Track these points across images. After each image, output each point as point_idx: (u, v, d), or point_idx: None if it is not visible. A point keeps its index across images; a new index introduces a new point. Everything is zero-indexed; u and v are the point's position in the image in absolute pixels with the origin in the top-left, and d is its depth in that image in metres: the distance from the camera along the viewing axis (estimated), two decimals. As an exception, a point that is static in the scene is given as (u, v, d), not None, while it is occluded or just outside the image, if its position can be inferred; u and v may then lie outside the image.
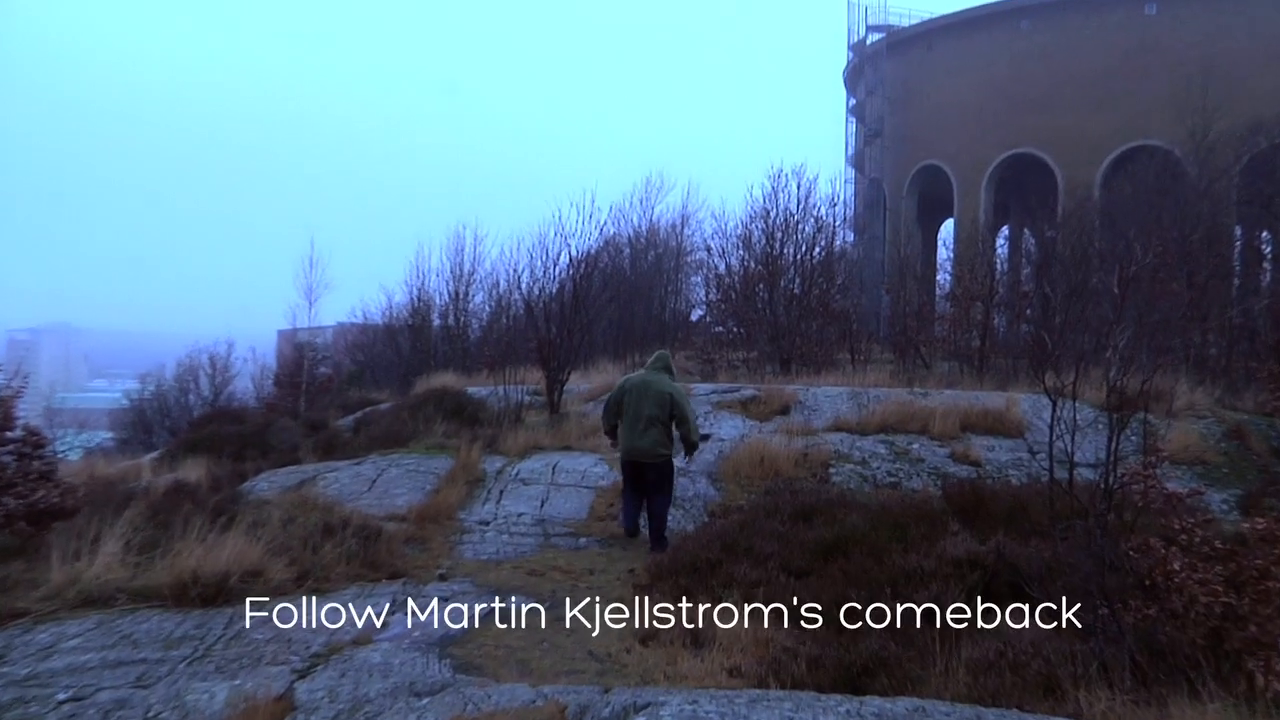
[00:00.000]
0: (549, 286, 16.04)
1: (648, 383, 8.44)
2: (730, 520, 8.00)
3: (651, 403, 8.28)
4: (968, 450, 10.79)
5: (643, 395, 8.34)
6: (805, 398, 13.55)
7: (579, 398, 14.87)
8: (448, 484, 9.47)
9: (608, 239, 27.83)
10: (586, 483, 9.85)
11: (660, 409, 8.28)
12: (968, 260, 22.69)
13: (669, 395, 8.33)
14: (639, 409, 8.30)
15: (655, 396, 8.30)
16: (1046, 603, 5.03)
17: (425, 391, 15.36)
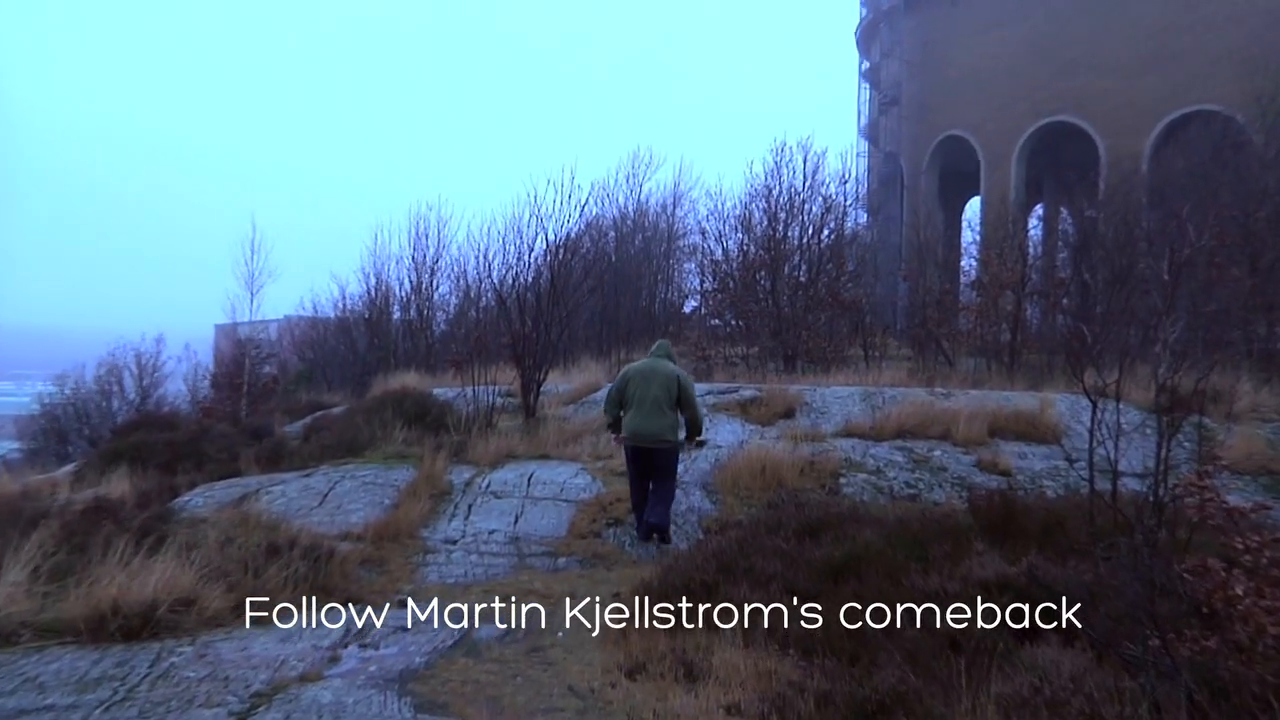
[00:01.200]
0: (523, 275, 15.98)
1: (653, 368, 9.07)
2: (728, 537, 7.95)
3: (658, 386, 8.91)
4: (996, 458, 10.78)
5: (649, 379, 8.97)
6: (812, 399, 13.52)
7: (558, 400, 14.82)
8: (409, 498, 9.40)
9: (590, 221, 27.79)
10: (566, 496, 9.79)
11: (667, 392, 8.90)
12: (996, 243, 22.74)
13: (676, 378, 8.99)
14: (645, 393, 8.90)
15: (662, 380, 8.94)
16: (1088, 631, 4.98)
17: (384, 393, 15.27)
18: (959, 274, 27.68)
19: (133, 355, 29.05)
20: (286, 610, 6.35)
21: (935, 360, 19.75)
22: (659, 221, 32.38)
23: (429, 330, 27.02)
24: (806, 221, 22.33)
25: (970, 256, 29.64)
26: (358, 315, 28.57)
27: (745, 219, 23.72)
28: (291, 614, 6.31)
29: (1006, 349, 18.47)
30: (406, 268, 27.30)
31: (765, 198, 22.61)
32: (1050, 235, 31.39)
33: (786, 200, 22.26)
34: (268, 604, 6.34)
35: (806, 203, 22.40)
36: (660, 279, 29.79)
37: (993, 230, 26.43)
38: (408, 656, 5.66)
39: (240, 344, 27.63)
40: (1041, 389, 13.92)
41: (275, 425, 15.26)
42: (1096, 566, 5.49)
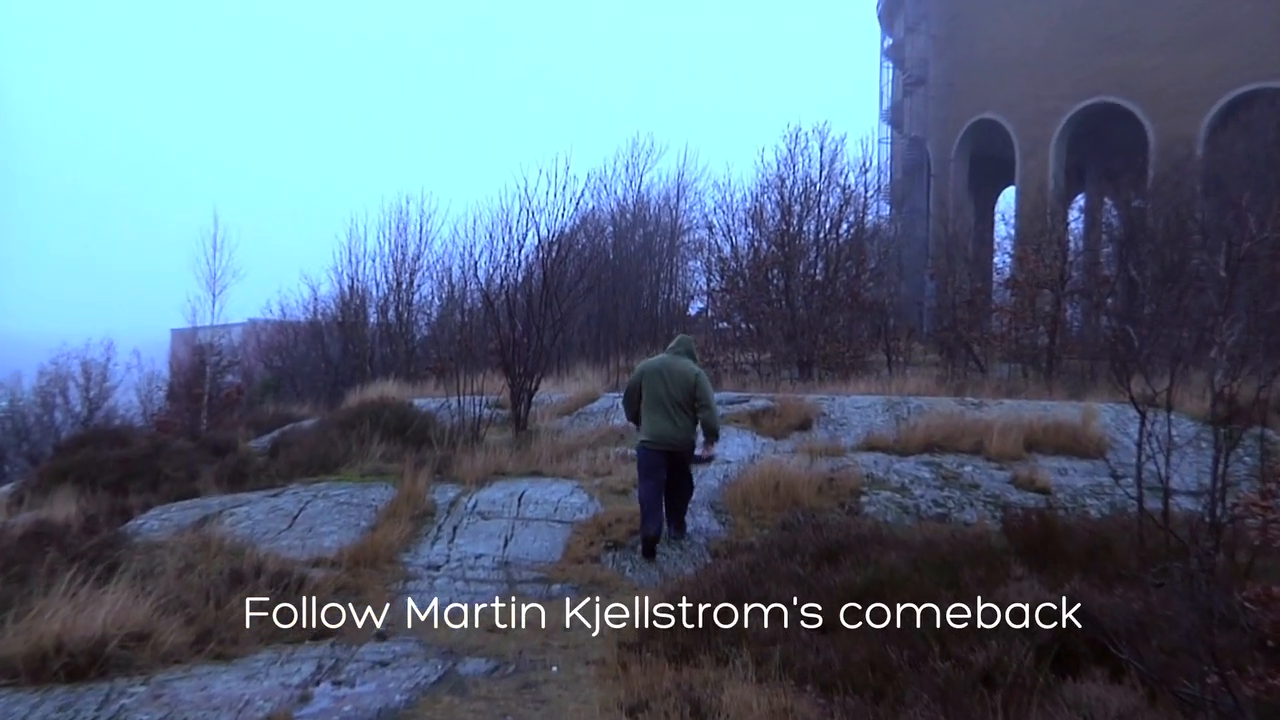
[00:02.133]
0: (513, 274, 15.98)
1: (669, 365, 9.34)
2: (738, 561, 7.92)
3: (674, 385, 9.19)
4: (1033, 474, 10.75)
5: (664, 378, 9.25)
6: (830, 409, 13.48)
7: (551, 411, 14.79)
8: (388, 519, 9.38)
9: (585, 215, 27.78)
10: (560, 516, 9.75)
11: (684, 391, 9.18)
12: (1033, 237, 22.72)
13: (693, 377, 9.24)
14: (661, 392, 9.21)
15: (678, 378, 9.22)
16: (1138, 666, 4.95)
17: (360, 404, 15.25)
18: (992, 271, 27.67)
19: (78, 364, 29.00)
20: (252, 644, 6.31)
21: (965, 367, 19.74)
22: (661, 215, 32.39)
23: (409, 335, 27.02)
24: (823, 215, 22.32)
25: (1004, 252, 29.57)
26: (330, 318, 28.56)
27: (756, 212, 23.70)
28: (257, 648, 6.27)
29: (1044, 354, 18.47)
30: (384, 266, 27.34)
31: (778, 189, 22.58)
32: (1093, 228, 31.27)
33: (801, 191, 22.24)
34: (232, 637, 6.31)
35: (823, 194, 22.38)
36: (663, 278, 29.78)
37: (1029, 223, 26.41)
38: (386, 695, 5.62)
39: (200, 350, 27.57)
40: (1084, 398, 13.90)
41: (239, 440, 15.22)
42: (1147, 594, 5.46)
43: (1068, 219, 30.67)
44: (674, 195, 32.81)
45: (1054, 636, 5.85)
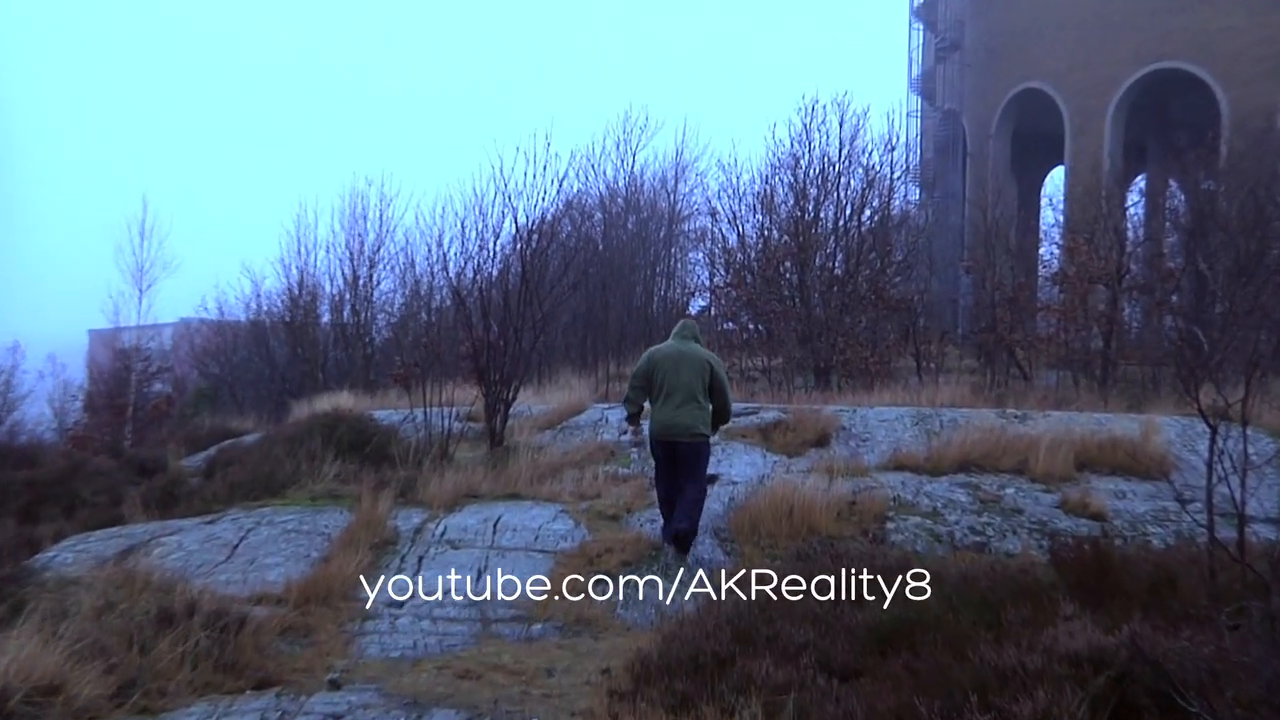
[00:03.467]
0: (487, 267, 15.95)
1: (681, 352, 9.85)
2: (747, 597, 7.89)
3: (690, 372, 9.71)
4: (1086, 497, 10.75)
5: (679, 364, 9.75)
6: (851, 422, 13.47)
7: (531, 424, 14.76)
8: (343, 549, 9.34)
9: (571, 200, 27.82)
10: (542, 545, 9.73)
11: (700, 380, 9.71)
12: (1085, 225, 22.74)
13: (708, 363, 9.82)
14: (676, 380, 9.69)
15: (693, 365, 9.75)
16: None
17: (310, 417, 15.20)
18: (1037, 264, 27.70)
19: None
20: (183, 696, 6.26)
21: (1007, 374, 19.76)
22: (657, 200, 32.45)
23: (367, 337, 27.00)
24: (843, 199, 22.37)
25: (1051, 242, 29.65)
26: (276, 318, 28.56)
27: (766, 197, 23.75)
28: (190, 700, 6.22)
29: (1098, 359, 18.50)
30: (339, 258, 27.36)
31: (792, 170, 22.64)
32: (1155, 214, 31.24)
33: (818, 173, 22.29)
34: (159, 688, 6.25)
35: (843, 175, 22.44)
36: (659, 272, 29.83)
37: (1081, 208, 26.38)
38: (339, 753, 5.57)
39: (124, 355, 27.58)
40: (1144, 410, 13.90)
41: (169, 458, 15.18)
42: (1220, 638, 5.42)
43: (1125, 204, 30.78)
44: (672, 177, 32.90)
45: (1111, 686, 5.82)
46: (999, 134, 39.48)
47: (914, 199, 34.40)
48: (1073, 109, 36.84)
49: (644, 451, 11.49)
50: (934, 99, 42.24)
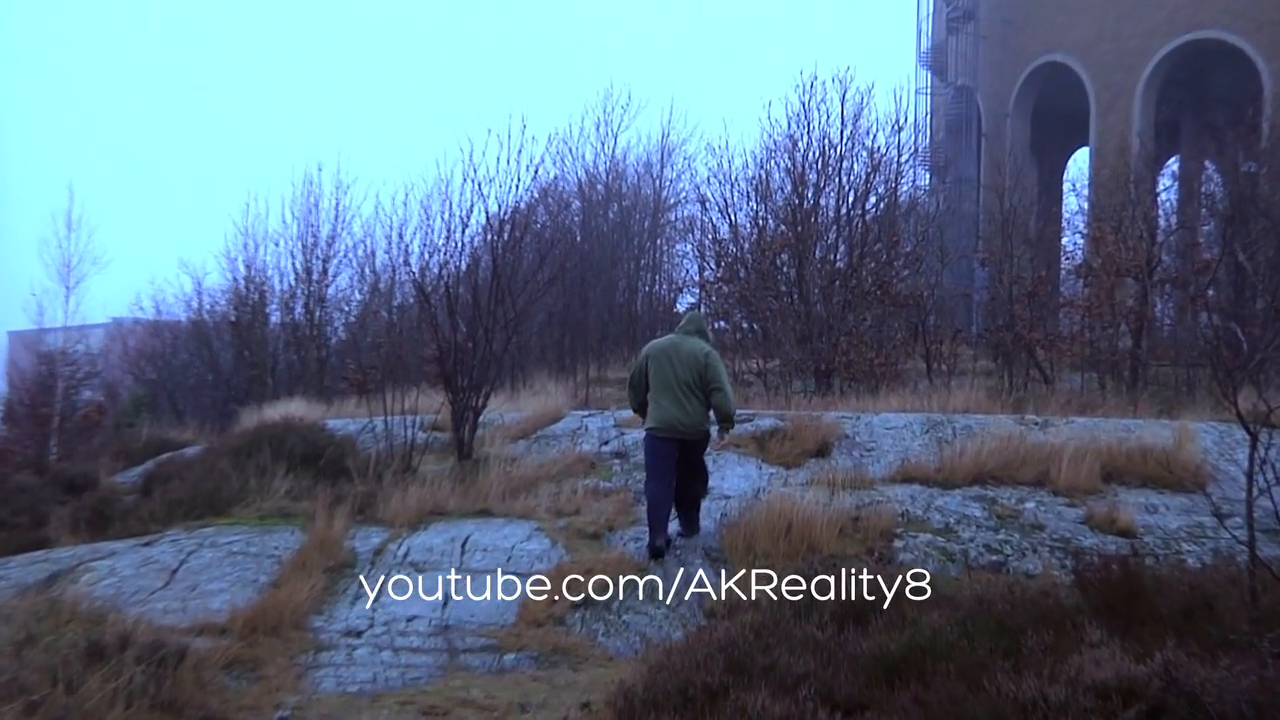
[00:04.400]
0: (455, 261, 15.92)
1: (676, 345, 10.30)
2: (740, 623, 7.91)
3: (682, 365, 10.12)
4: (1113, 512, 10.77)
5: (671, 358, 10.18)
6: (855, 430, 13.50)
7: (504, 434, 14.75)
8: (295, 573, 9.32)
9: (546, 187, 27.81)
10: (516, 567, 9.72)
11: (693, 372, 10.10)
12: (1112, 212, 22.84)
13: (702, 356, 10.17)
14: (669, 374, 10.13)
15: (686, 359, 10.14)
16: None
17: (259, 427, 15.18)
18: (1059, 256, 27.76)
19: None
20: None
21: (1026, 376, 19.82)
22: (641, 186, 32.52)
23: (322, 338, 26.96)
24: (845, 185, 22.42)
25: (1075, 231, 29.71)
26: (220, 317, 28.47)
27: (761, 183, 23.82)
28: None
29: (1127, 360, 18.54)
30: (291, 251, 27.30)
31: (789, 153, 22.72)
32: (1190, 200, 31.30)
33: (818, 156, 22.35)
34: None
35: (845, 159, 22.51)
36: (644, 265, 29.88)
37: (1107, 194, 26.47)
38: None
39: (49, 359, 27.37)
40: (1177, 415, 13.92)
41: (101, 473, 15.12)
42: (1263, 666, 5.46)
43: (1157, 189, 30.78)
44: (657, 161, 32.98)
45: (1142, 719, 5.86)
46: (1017, 112, 39.53)
47: (923, 184, 34.53)
48: (1099, 84, 36.85)
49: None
50: (945, 74, 42.30)
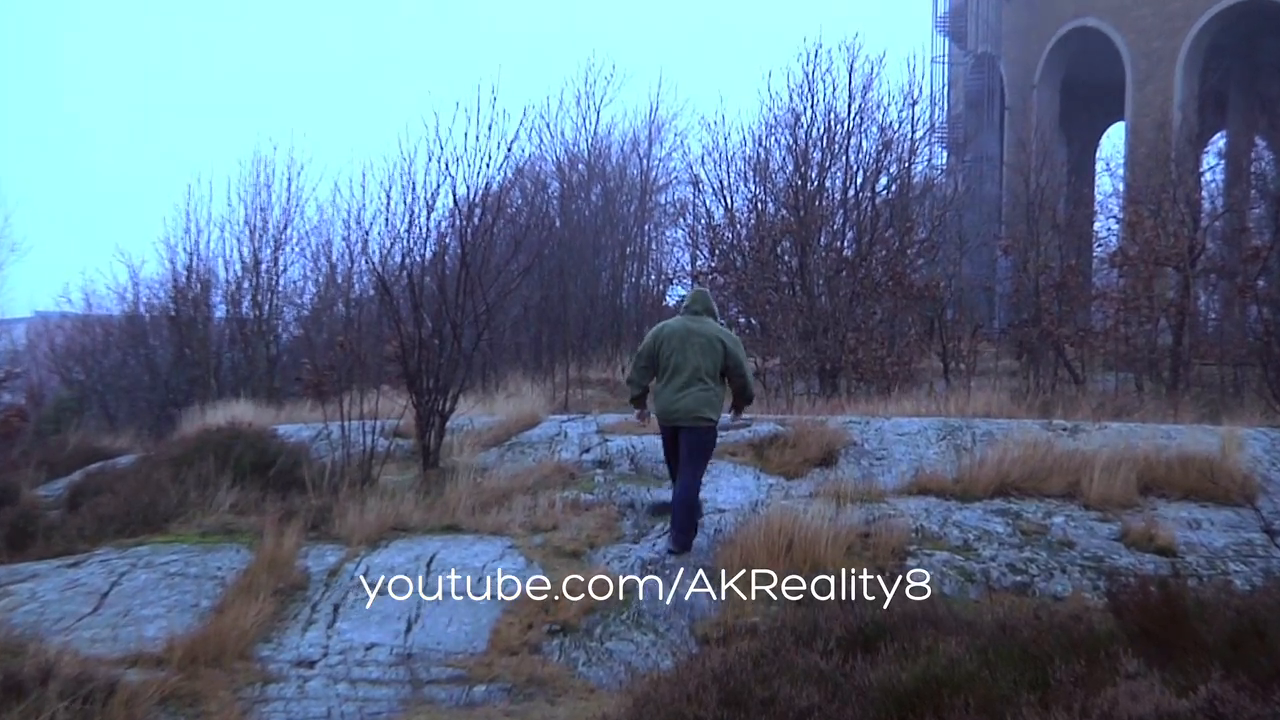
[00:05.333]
0: (419, 249, 15.88)
1: (690, 328, 10.57)
2: (737, 650, 7.91)
3: (699, 351, 10.42)
4: (1152, 528, 10.79)
5: (687, 342, 10.47)
6: (863, 436, 13.52)
7: (474, 441, 14.74)
8: (241, 596, 9.28)
9: (522, 167, 27.78)
10: (486, 589, 9.70)
11: (711, 358, 10.43)
12: (1150, 194, 22.85)
13: (721, 340, 10.53)
14: (683, 360, 10.40)
15: (704, 343, 10.45)
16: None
17: (201, 433, 15.13)
18: (1091, 243, 27.80)
19: None
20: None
21: (1054, 376, 19.85)
22: (627, 166, 32.54)
23: (272, 335, 26.89)
24: (854, 164, 22.50)
25: (1109, 215, 29.77)
26: (158, 311, 28.38)
27: (760, 162, 23.86)
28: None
29: (1167, 358, 18.57)
30: (238, 239, 27.18)
31: (791, 129, 22.74)
32: (1238, 180, 31.23)
33: (823, 133, 22.39)
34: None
35: (854, 136, 22.59)
36: (630, 254, 29.87)
37: (1145, 174, 26.54)
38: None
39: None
40: (1223, 420, 13.92)
41: (21, 486, 15.02)
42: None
43: (1200, 168, 30.76)
44: (644, 139, 33.00)
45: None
46: (1044, 83, 39.55)
47: (940, 164, 34.54)
48: (1136, 51, 36.80)
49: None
50: (965, 41, 42.36)
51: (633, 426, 13.76)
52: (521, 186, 27.55)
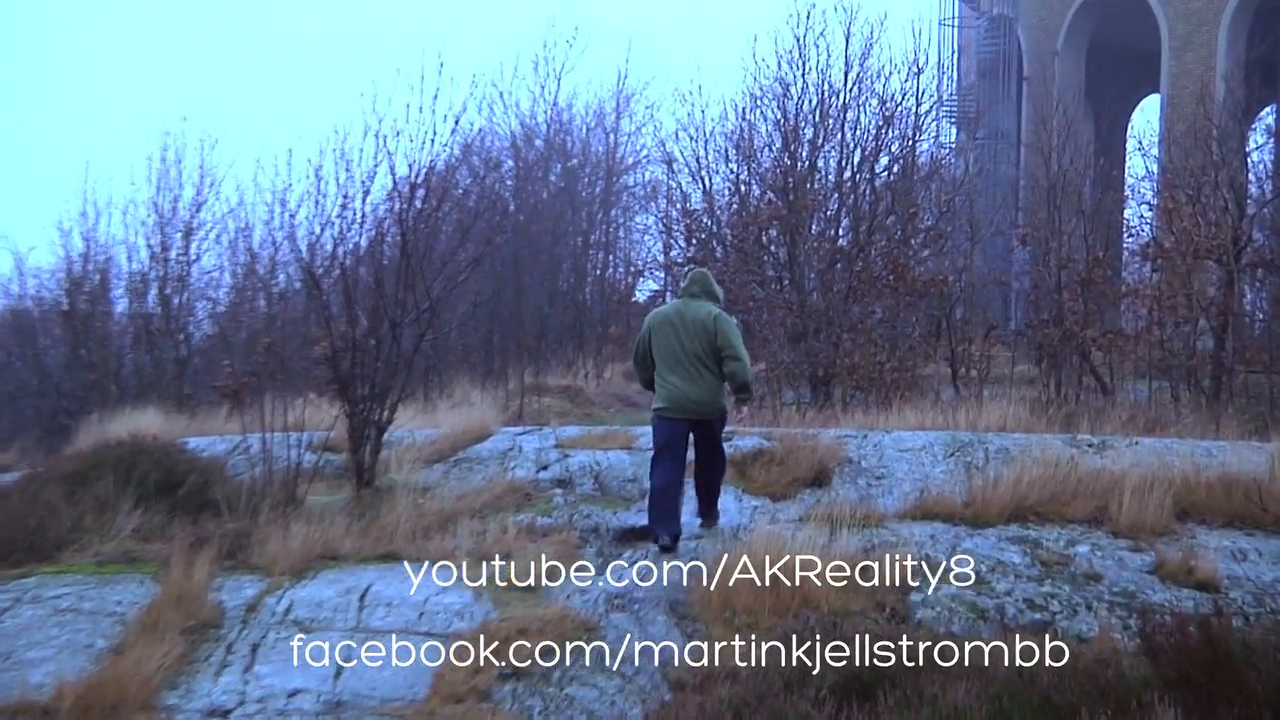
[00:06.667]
0: (353, 236, 15.82)
1: (680, 311, 11.27)
2: (716, 698, 7.92)
3: (688, 335, 11.07)
4: (1191, 559, 10.79)
5: (675, 327, 11.14)
6: (861, 452, 13.55)
7: (416, 456, 14.70)
8: (144, 635, 9.21)
9: (471, 143, 27.75)
10: (428, 626, 9.68)
11: (702, 342, 11.05)
12: (1189, 177, 22.86)
13: (712, 322, 11.10)
14: (675, 346, 11.09)
15: (692, 326, 11.10)
16: None
17: (98, 447, 15.05)
18: (1121, 233, 27.88)
19: None
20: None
21: (1078, 385, 19.89)
22: (591, 142, 32.62)
23: (182, 334, 26.77)
24: (850, 142, 22.53)
25: (1141, 201, 29.86)
26: (50, 306, 28.22)
27: (744, 139, 23.87)
28: None
29: (1207, 365, 18.62)
30: (142, 222, 27.03)
31: (779, 101, 22.75)
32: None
33: (816, 106, 22.45)
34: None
35: (850, 109, 22.61)
36: (594, 243, 29.92)
37: (1183, 154, 26.45)
38: None
39: None
40: (1273, 436, 13.97)
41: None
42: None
43: (1247, 146, 30.83)
44: (611, 111, 33.03)
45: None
46: (1068, 50, 39.62)
47: (949, 141, 34.60)
48: (1173, 12, 36.83)
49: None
50: (977, 2, 42.44)
51: (596, 441, 13.80)
52: (470, 165, 27.56)
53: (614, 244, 30.88)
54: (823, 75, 22.36)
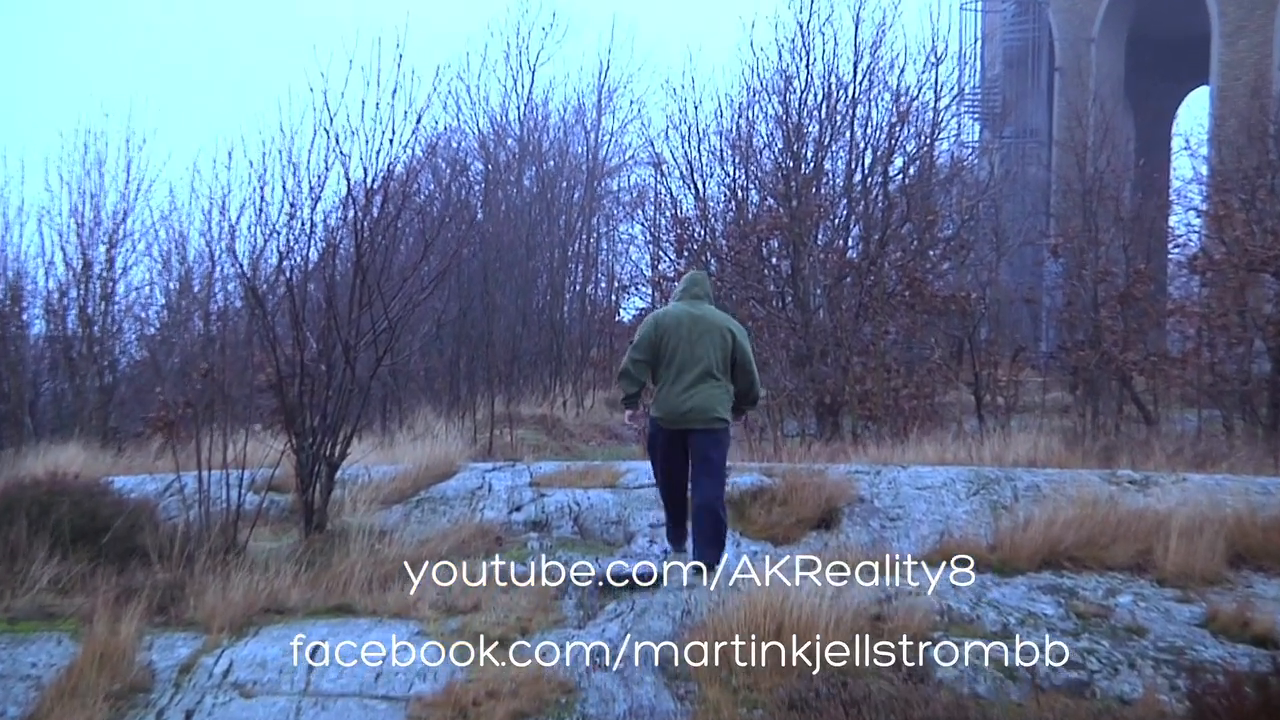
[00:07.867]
0: (301, 248, 15.81)
1: (695, 316, 11.53)
2: None
3: (707, 343, 11.41)
4: (1247, 610, 10.78)
5: (693, 333, 11.42)
6: (873, 490, 13.57)
7: (371, 495, 14.69)
8: (62, 701, 9.19)
9: (435, 143, 27.77)
10: (387, 689, 9.66)
11: (721, 352, 11.47)
12: (1242, 180, 22.92)
13: (729, 331, 11.55)
14: (690, 353, 11.37)
15: (711, 333, 11.46)
16: None
17: (9, 487, 14.98)
18: (1166, 242, 27.93)
19: None
20: None
21: (1118, 414, 19.92)
22: (570, 142, 32.71)
23: (107, 359, 26.71)
24: (860, 142, 22.58)
25: (1188, 207, 29.93)
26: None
27: (741, 138, 23.90)
28: None
29: (1264, 391, 18.65)
30: (60, 233, 26.96)
31: (780, 97, 22.79)
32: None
33: (822, 101, 22.48)
34: None
35: (861, 105, 22.66)
36: (573, 255, 29.95)
37: (1236, 155, 26.56)
38: None
39: None
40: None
41: None
42: None
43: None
44: (592, 108, 33.14)
45: None
46: (1105, 37, 39.76)
47: (971, 140, 34.69)
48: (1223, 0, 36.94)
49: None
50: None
51: (575, 478, 13.79)
52: (435, 168, 27.61)
53: (595, 256, 30.92)
54: (829, 66, 22.41)
